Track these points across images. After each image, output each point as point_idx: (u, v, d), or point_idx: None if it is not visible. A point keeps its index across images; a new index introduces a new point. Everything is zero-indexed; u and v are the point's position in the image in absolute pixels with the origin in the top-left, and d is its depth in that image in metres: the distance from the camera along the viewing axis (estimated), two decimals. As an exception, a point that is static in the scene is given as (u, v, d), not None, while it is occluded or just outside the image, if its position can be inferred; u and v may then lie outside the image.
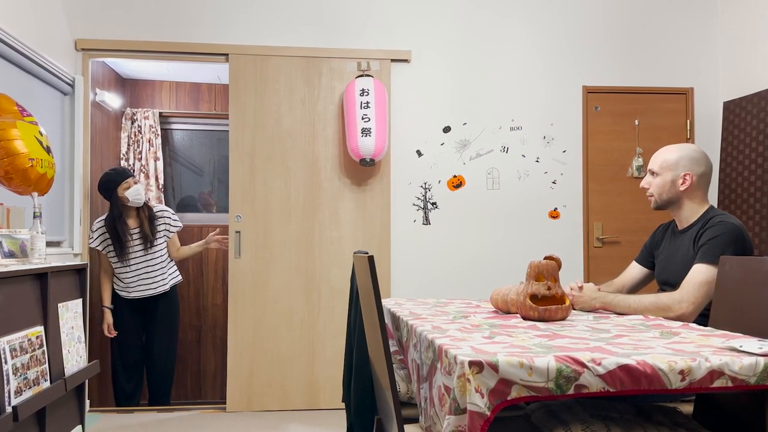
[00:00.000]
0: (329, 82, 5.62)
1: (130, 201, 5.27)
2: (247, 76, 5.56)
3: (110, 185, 5.30)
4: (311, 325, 5.55)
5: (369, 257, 2.51)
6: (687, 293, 2.93)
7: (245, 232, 5.52)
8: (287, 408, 5.49)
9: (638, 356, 1.94)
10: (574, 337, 2.30)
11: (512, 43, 5.84)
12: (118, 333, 5.43)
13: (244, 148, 5.54)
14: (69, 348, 3.67)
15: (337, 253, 5.59)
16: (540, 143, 5.83)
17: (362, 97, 5.31)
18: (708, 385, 1.92)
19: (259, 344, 5.49)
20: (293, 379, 5.51)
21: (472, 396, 1.83)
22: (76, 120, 5.25)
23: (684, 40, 6.00)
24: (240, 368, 5.47)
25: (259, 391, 5.47)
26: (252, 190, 5.54)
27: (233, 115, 5.55)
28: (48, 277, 3.41)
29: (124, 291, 5.42)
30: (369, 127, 5.27)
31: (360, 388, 3.00)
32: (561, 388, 1.87)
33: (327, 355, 5.55)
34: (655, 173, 3.26)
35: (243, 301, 5.49)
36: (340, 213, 5.61)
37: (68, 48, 5.27)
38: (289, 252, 5.55)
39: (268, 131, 5.56)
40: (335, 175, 5.61)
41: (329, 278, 5.58)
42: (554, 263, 2.83)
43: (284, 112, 5.58)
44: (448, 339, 2.21)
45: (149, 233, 5.37)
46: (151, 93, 7.09)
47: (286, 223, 5.56)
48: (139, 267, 5.38)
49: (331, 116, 5.62)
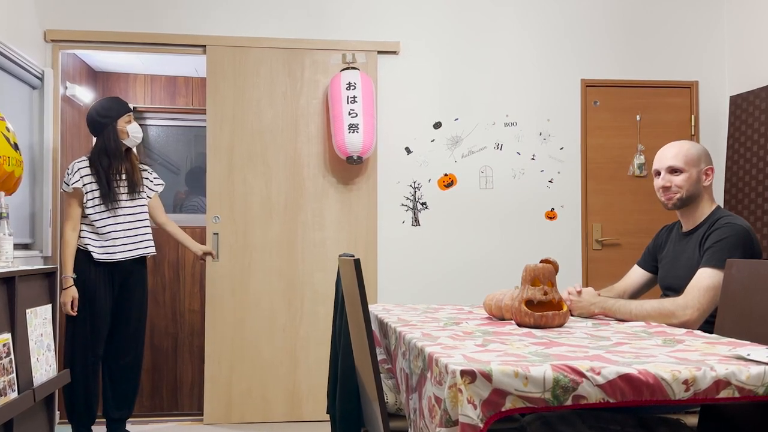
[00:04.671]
0: (312, 75, 5.62)
1: (129, 137, 4.86)
2: (225, 69, 5.54)
3: (111, 113, 4.83)
4: (293, 331, 5.53)
5: (355, 260, 2.50)
6: (692, 299, 2.93)
7: (223, 233, 5.50)
8: (268, 420, 5.47)
9: (640, 365, 1.93)
10: (572, 344, 2.30)
11: (506, 33, 5.84)
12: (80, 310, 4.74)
13: (222, 145, 5.52)
14: (38, 356, 3.65)
15: (321, 256, 5.58)
16: (536, 140, 5.83)
17: (349, 91, 5.30)
18: (713, 395, 1.92)
19: (238, 352, 5.47)
20: (274, 389, 5.49)
21: (464, 407, 1.83)
22: (45, 115, 5.22)
23: (688, 31, 6.02)
24: (218, 377, 5.45)
25: (238, 402, 5.45)
26: (231, 190, 5.52)
27: (211, 110, 5.53)
28: (16, 282, 3.39)
29: (103, 252, 4.78)
30: (356, 123, 5.26)
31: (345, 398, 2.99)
32: (558, 398, 1.87)
33: (310, 363, 5.53)
34: (679, 170, 3.22)
35: (221, 307, 5.47)
36: (324, 214, 5.60)
37: (37, 39, 5.24)
38: (270, 255, 5.54)
39: (247, 127, 5.55)
40: (319, 173, 5.60)
41: (312, 282, 5.57)
42: (551, 267, 2.82)
43: (265, 107, 5.57)
44: (439, 347, 2.21)
45: (138, 180, 4.93)
46: (125, 87, 7.06)
47: (266, 225, 5.54)
48: (126, 219, 4.87)
49: (314, 111, 5.61)
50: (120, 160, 4.85)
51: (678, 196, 3.24)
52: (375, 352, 2.43)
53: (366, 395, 2.74)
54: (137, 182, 4.92)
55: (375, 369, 2.39)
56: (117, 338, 4.89)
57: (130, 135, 4.87)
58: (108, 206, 4.78)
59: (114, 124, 4.84)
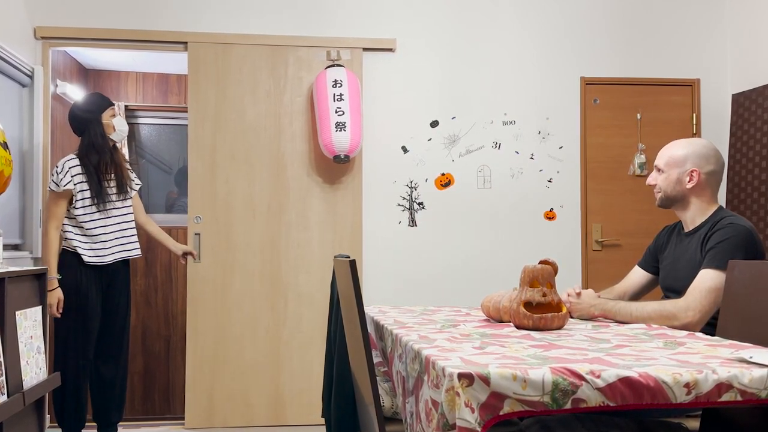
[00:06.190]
0: (296, 72, 5.59)
1: (115, 131, 4.79)
2: (207, 66, 5.51)
3: (94, 109, 4.77)
4: (277, 334, 5.50)
5: (350, 261, 2.50)
6: (693, 300, 2.93)
7: (205, 234, 5.47)
8: (251, 424, 5.44)
9: (640, 368, 1.93)
10: (571, 347, 2.30)
11: (505, 30, 5.84)
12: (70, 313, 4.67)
13: (204, 144, 5.49)
14: (28, 359, 3.64)
15: (305, 257, 5.56)
16: (535, 139, 5.83)
17: (335, 88, 5.28)
18: (715, 399, 1.92)
19: (220, 355, 5.43)
20: (257, 393, 5.46)
21: (461, 411, 1.82)
22: (35, 114, 5.20)
23: (690, 27, 6.02)
24: (200, 381, 5.41)
25: (220, 406, 5.42)
26: (213, 190, 5.49)
27: (192, 108, 5.50)
28: (5, 283, 3.39)
29: (93, 254, 4.72)
30: (343, 121, 5.23)
31: (341, 402, 2.99)
32: (557, 402, 1.87)
33: (294, 366, 5.50)
34: (661, 170, 3.26)
35: (203, 309, 5.44)
36: (309, 214, 5.57)
37: (27, 36, 5.23)
38: (253, 256, 5.51)
39: (230, 125, 5.52)
40: (303, 173, 5.58)
41: (297, 284, 5.54)
42: (550, 268, 2.82)
43: (248, 105, 5.54)
44: (436, 349, 2.20)
45: (125, 180, 4.87)
46: (116, 85, 7.05)
47: (249, 225, 5.51)
48: (116, 221, 4.83)
49: (298, 110, 5.59)
50: (108, 156, 4.79)
51: (660, 196, 3.30)
52: (371, 355, 2.43)
53: (362, 398, 2.74)
54: (125, 181, 4.88)
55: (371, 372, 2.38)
56: (104, 341, 4.86)
57: (116, 129, 4.81)
58: (99, 207, 4.73)
59: (98, 118, 4.77)
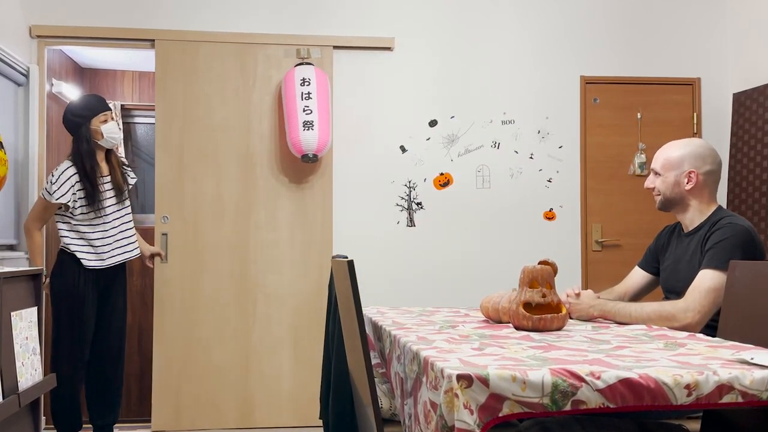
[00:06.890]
0: (266, 71, 5.57)
1: (104, 138, 4.68)
2: (174, 64, 5.48)
3: (85, 112, 4.67)
4: (245, 335, 5.48)
5: (349, 262, 2.50)
6: (693, 301, 2.93)
7: (173, 234, 5.45)
8: (219, 427, 5.42)
9: (641, 369, 1.93)
10: (571, 348, 2.30)
11: (504, 29, 5.84)
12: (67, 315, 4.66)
13: (171, 143, 5.46)
14: (23, 360, 3.64)
15: (274, 258, 5.53)
16: (534, 138, 5.83)
17: (303, 87, 5.25)
18: (716, 400, 1.92)
19: (188, 356, 5.41)
20: (226, 395, 5.44)
21: (460, 412, 1.82)
22: (30, 113, 5.21)
23: (690, 26, 6.02)
24: (167, 383, 5.38)
25: (187, 408, 5.39)
26: (180, 189, 5.46)
27: (159, 106, 5.47)
28: (0, 284, 3.38)
29: (94, 258, 4.69)
30: (311, 120, 5.20)
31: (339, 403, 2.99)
32: (557, 403, 1.87)
33: (263, 368, 5.47)
34: (658, 173, 3.26)
35: (171, 310, 5.42)
36: (278, 214, 5.55)
37: (22, 35, 5.23)
38: (221, 256, 5.48)
39: (198, 124, 5.49)
40: (272, 172, 5.55)
41: (265, 284, 5.51)
42: (549, 268, 2.82)
43: (216, 104, 5.51)
44: (435, 351, 2.20)
45: (121, 183, 4.81)
46: (113, 84, 7.05)
47: (217, 225, 5.49)
48: (115, 225, 4.80)
49: (267, 108, 5.56)
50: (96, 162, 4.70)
51: (659, 199, 3.30)
52: (369, 356, 2.43)
53: (360, 400, 2.74)
54: (120, 186, 4.82)
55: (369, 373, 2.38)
56: (101, 342, 4.85)
57: (105, 136, 4.68)
58: (97, 213, 4.69)
59: (87, 124, 4.67)
